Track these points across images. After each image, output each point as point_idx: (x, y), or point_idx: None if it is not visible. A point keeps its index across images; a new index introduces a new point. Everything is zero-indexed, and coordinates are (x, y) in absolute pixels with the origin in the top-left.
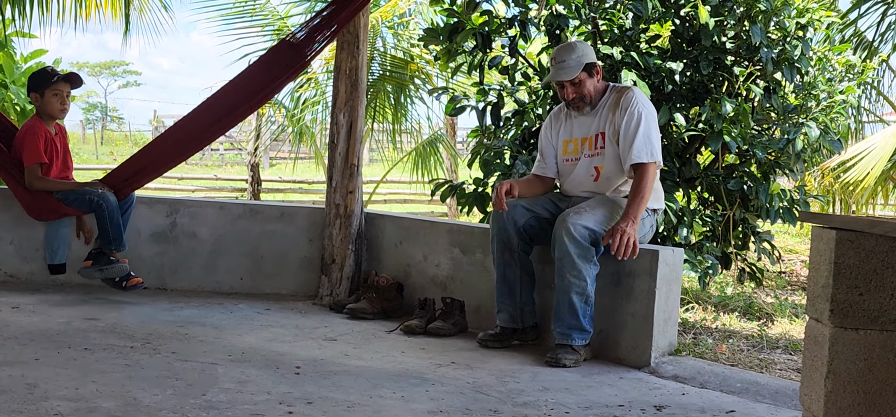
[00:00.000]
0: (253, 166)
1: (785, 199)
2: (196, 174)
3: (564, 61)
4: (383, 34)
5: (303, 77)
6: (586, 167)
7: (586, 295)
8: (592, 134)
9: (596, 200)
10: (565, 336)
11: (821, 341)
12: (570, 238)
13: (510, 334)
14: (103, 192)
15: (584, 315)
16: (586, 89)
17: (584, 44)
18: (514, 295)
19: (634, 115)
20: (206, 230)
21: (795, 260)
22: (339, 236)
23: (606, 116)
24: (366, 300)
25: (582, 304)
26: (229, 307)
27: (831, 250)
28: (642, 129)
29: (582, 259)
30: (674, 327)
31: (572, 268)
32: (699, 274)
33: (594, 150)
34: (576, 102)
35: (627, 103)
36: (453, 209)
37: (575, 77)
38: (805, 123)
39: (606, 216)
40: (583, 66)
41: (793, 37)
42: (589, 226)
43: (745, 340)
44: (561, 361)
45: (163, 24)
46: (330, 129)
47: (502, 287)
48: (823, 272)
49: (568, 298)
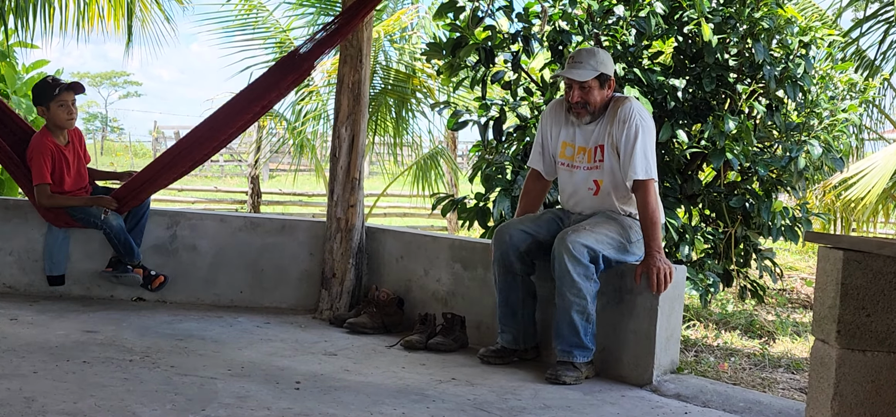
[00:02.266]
0: (253, 178)
1: (787, 217)
2: (196, 185)
3: (582, 62)
4: (386, 47)
5: (304, 89)
6: (585, 180)
7: (587, 313)
8: (592, 146)
9: (596, 218)
10: (566, 352)
11: (827, 362)
12: (569, 256)
13: (511, 353)
14: (106, 218)
15: (585, 332)
16: (593, 98)
17: (606, 54)
18: (516, 318)
19: (633, 129)
20: (206, 242)
21: (796, 277)
22: (339, 250)
23: (605, 128)
24: (366, 314)
25: (583, 322)
26: (229, 320)
27: (838, 271)
28: (639, 145)
29: (581, 277)
30: (676, 344)
31: (572, 287)
32: (701, 291)
33: (593, 163)
34: (578, 108)
35: (625, 115)
36: (453, 224)
37: (586, 81)
38: (807, 141)
39: (606, 234)
40: (597, 74)
41: (795, 55)
42: (588, 244)
43: (747, 358)
44: (561, 378)
45: (164, 36)
46: (332, 143)
47: (505, 309)
48: (830, 292)
49: (568, 316)
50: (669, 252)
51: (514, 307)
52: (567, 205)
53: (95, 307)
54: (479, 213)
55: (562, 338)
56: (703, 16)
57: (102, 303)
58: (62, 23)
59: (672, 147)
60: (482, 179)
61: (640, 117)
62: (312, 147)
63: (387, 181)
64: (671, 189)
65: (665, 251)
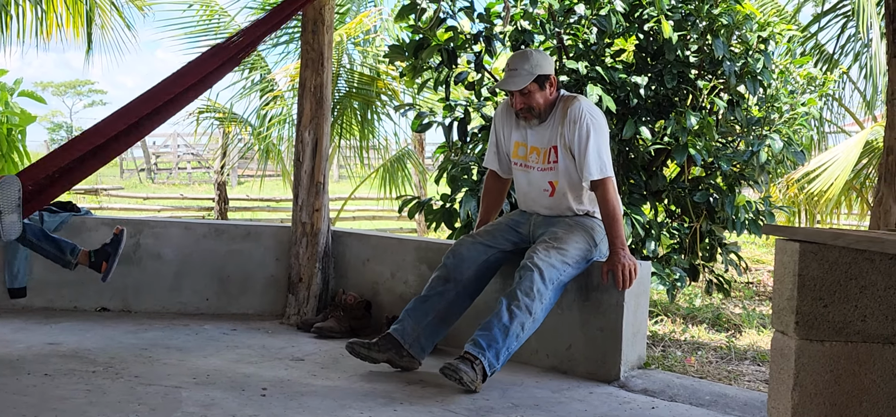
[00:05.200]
0: (220, 184)
1: (751, 211)
2: (162, 193)
3: (516, 69)
4: (350, 51)
5: (269, 94)
6: (540, 181)
7: (523, 333)
8: (545, 147)
9: (564, 230)
10: (479, 350)
11: (787, 353)
12: (541, 277)
13: (387, 348)
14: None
15: (508, 348)
16: (535, 101)
17: (540, 54)
18: (425, 319)
19: (584, 129)
20: (170, 251)
21: (763, 270)
22: (305, 255)
23: (556, 129)
24: (333, 319)
25: (514, 338)
26: (194, 328)
27: (795, 262)
28: (592, 144)
29: (539, 300)
30: (642, 340)
31: (529, 299)
32: (667, 286)
33: (548, 164)
34: (523, 113)
35: (575, 116)
36: (423, 225)
37: (524, 87)
38: (769, 135)
39: (575, 253)
40: (534, 78)
41: (755, 50)
42: (566, 269)
43: (713, 352)
44: (459, 373)
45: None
46: (295, 147)
47: (419, 305)
48: (788, 284)
49: (506, 322)
50: (636, 248)
51: (429, 312)
52: (523, 205)
53: (58, 318)
54: (445, 215)
55: (485, 336)
56: (663, 13)
57: (65, 314)
58: (20, 31)
59: (636, 144)
60: (448, 180)
61: (590, 116)
62: (278, 152)
63: (355, 184)
64: (636, 185)
65: (631, 247)
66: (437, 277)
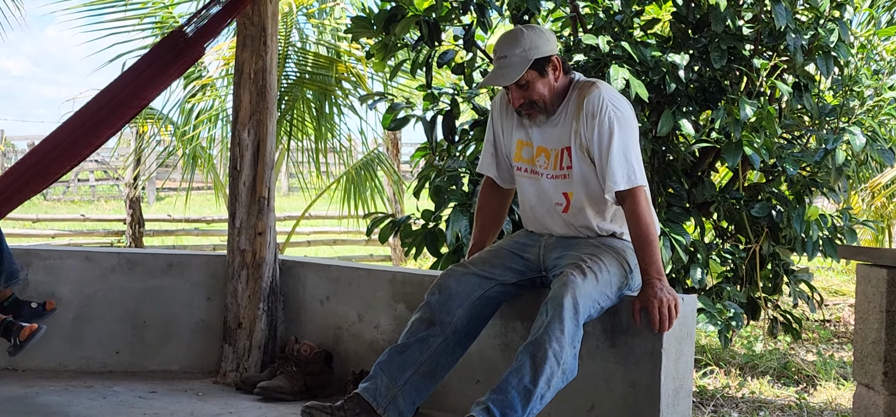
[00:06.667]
0: (133, 201)
1: (825, 228)
2: (58, 213)
3: (506, 58)
4: (301, 25)
5: (196, 83)
6: (551, 192)
7: (552, 385)
8: (556, 148)
9: (591, 251)
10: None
11: (873, 412)
12: (574, 313)
13: (355, 412)
14: None
15: (531, 409)
16: (537, 93)
17: (535, 30)
18: (404, 375)
19: (605, 124)
20: (68, 289)
21: (843, 304)
22: (245, 292)
23: (570, 125)
24: (284, 375)
25: (538, 401)
26: (101, 391)
27: (882, 294)
28: (616, 144)
29: (570, 342)
30: (687, 398)
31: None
32: (719, 327)
33: (560, 171)
34: (526, 109)
35: (594, 108)
36: (399, 252)
37: (520, 78)
38: (847, 129)
39: (618, 280)
40: (530, 64)
41: (827, 18)
42: (606, 301)
43: (780, 411)
44: None
45: (8, 17)
46: (231, 152)
47: (395, 357)
48: (873, 323)
49: (528, 382)
50: (677, 277)
51: (408, 363)
52: (529, 224)
53: None
54: (427, 237)
55: (499, 401)
56: None
57: None
58: None
59: (675, 142)
60: (430, 192)
61: (613, 108)
62: (209, 158)
63: (310, 198)
64: (677, 196)
65: (671, 277)
66: (419, 320)
